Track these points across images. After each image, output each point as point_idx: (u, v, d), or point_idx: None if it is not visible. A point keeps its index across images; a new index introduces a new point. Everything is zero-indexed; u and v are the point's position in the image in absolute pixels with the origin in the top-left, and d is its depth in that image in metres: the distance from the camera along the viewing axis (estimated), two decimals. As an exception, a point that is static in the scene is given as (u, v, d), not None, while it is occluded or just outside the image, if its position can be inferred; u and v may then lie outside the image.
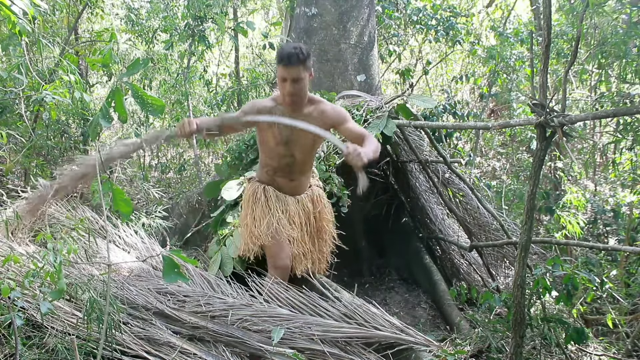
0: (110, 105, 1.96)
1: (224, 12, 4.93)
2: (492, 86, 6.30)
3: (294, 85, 2.54)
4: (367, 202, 4.13)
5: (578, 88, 6.25)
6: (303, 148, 2.78)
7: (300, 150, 2.78)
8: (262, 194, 2.94)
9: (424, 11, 5.93)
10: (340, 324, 2.51)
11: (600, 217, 4.48)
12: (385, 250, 4.39)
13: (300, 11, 4.42)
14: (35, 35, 3.02)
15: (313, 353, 2.36)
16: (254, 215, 2.92)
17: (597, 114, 3.09)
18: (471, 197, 3.94)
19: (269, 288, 2.76)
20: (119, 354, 2.27)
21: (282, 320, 2.49)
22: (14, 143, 4.69)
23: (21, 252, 2.92)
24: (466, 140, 7.32)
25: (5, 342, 2.27)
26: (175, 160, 6.58)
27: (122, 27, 5.76)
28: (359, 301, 2.66)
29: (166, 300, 2.65)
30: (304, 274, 2.91)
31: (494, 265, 4.04)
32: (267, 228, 2.83)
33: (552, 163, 5.30)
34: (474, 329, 3.12)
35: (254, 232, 2.88)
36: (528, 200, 2.19)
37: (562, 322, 2.50)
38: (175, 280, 1.85)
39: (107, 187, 1.96)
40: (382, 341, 2.45)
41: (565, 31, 5.42)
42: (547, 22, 2.04)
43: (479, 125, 3.60)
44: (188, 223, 4.61)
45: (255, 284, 2.81)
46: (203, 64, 5.74)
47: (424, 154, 3.97)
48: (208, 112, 5.87)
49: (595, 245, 3.59)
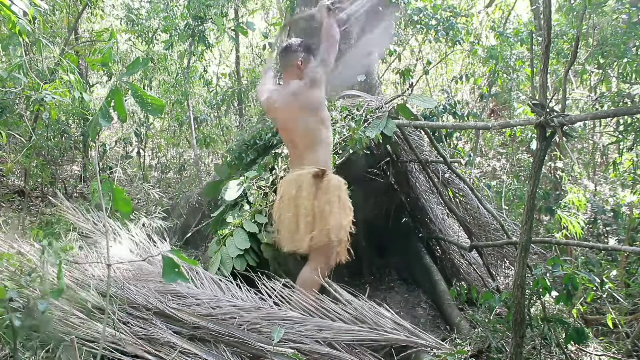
0: (110, 105, 1.95)
1: (224, 12, 4.93)
2: (492, 86, 6.29)
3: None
4: (367, 202, 4.13)
5: (578, 88, 6.25)
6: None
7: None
8: (343, 187, 3.06)
9: (424, 11, 5.93)
10: (351, 327, 2.50)
11: (600, 217, 4.48)
12: (385, 250, 4.39)
13: (300, 11, 4.42)
14: (35, 35, 3.02)
15: (322, 356, 2.35)
16: (341, 206, 2.99)
17: (597, 114, 3.09)
18: (471, 197, 3.94)
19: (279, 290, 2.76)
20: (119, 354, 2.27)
21: (292, 323, 2.48)
22: (14, 143, 4.70)
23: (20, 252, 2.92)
24: (466, 140, 7.32)
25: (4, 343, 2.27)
26: (175, 160, 6.58)
27: (122, 27, 5.75)
28: (369, 304, 2.65)
29: (167, 300, 2.65)
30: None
31: (494, 265, 4.04)
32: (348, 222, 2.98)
33: (552, 163, 5.30)
34: (474, 329, 3.12)
35: (343, 225, 2.97)
36: (528, 200, 2.19)
37: (562, 322, 2.49)
38: (175, 280, 1.85)
39: (107, 187, 1.96)
40: (394, 344, 2.45)
41: (565, 31, 5.42)
42: (547, 22, 2.04)
43: (479, 125, 3.60)
44: (188, 223, 4.61)
45: (265, 287, 2.81)
46: (203, 64, 5.74)
47: (424, 154, 3.97)
48: (208, 112, 5.87)
49: (595, 245, 3.59)
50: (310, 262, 3.01)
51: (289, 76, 3.14)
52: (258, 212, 3.43)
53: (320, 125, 3.03)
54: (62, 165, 5.88)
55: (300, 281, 2.94)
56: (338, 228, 2.97)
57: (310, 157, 3.01)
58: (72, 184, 5.39)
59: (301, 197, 2.93)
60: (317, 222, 2.95)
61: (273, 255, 3.33)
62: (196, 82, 5.78)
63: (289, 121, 3.08)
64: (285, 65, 3.16)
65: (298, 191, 2.95)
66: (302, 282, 2.92)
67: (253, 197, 3.52)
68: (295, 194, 2.95)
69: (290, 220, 2.98)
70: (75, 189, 5.34)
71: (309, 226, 2.93)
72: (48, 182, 4.96)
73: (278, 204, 3.09)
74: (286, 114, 3.08)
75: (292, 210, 2.97)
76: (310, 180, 2.95)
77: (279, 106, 3.11)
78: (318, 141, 3.02)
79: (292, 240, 3.00)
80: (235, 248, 3.22)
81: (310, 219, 2.94)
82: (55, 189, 4.77)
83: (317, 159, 3.01)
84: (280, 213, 3.05)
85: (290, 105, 3.03)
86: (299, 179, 2.98)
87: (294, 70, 3.10)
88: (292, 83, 3.08)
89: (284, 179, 3.15)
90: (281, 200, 3.05)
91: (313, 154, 3.01)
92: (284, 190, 3.05)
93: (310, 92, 2.98)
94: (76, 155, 6.11)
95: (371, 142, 3.57)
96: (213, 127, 6.02)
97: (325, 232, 2.92)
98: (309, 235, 2.92)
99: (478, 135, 6.67)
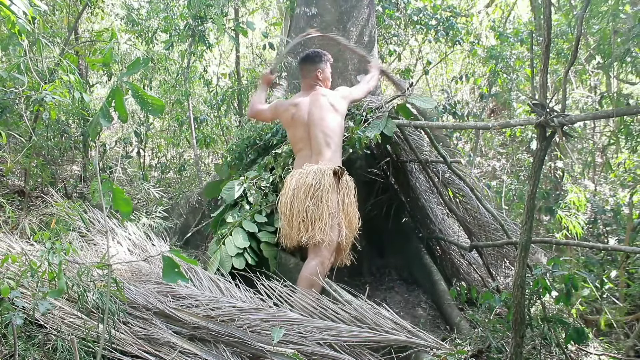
0: (111, 105, 1.96)
1: (224, 12, 4.93)
2: (492, 86, 6.29)
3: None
4: (367, 202, 4.13)
5: (578, 88, 6.25)
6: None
7: None
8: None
9: (424, 11, 5.93)
10: (351, 327, 2.50)
11: (600, 217, 4.48)
12: (385, 250, 4.39)
13: (300, 11, 4.42)
14: (35, 35, 3.02)
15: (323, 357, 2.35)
16: (353, 202, 3.17)
17: (597, 114, 3.08)
18: (471, 197, 3.94)
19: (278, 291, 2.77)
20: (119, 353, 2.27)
21: (292, 324, 2.48)
22: (14, 143, 4.69)
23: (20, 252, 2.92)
24: (466, 140, 7.32)
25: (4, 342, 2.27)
26: (175, 160, 6.58)
27: (122, 27, 5.75)
28: (369, 304, 2.65)
29: (167, 301, 2.65)
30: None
31: (494, 265, 4.04)
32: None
33: (552, 163, 5.30)
34: (474, 329, 3.12)
35: (354, 222, 3.14)
36: (528, 200, 2.19)
37: (562, 322, 2.49)
38: (174, 281, 1.85)
39: (107, 187, 1.96)
40: (393, 345, 2.45)
41: (565, 31, 5.42)
42: (547, 22, 2.04)
43: (479, 125, 3.60)
44: (188, 223, 4.61)
45: (264, 287, 2.81)
46: (203, 64, 5.74)
47: (424, 154, 3.97)
48: (208, 112, 5.86)
49: (595, 245, 3.58)
50: (318, 256, 3.01)
51: (308, 84, 3.47)
52: (258, 212, 3.43)
53: (339, 130, 3.29)
54: (62, 165, 5.88)
55: (304, 280, 2.94)
56: (351, 230, 3.12)
57: (328, 154, 3.17)
58: (72, 184, 5.39)
59: (321, 189, 2.99)
60: (336, 219, 3.03)
61: (273, 254, 3.33)
62: (196, 82, 5.77)
63: (316, 119, 3.25)
64: (305, 75, 3.49)
65: (318, 183, 3.00)
66: (305, 281, 2.92)
67: (253, 198, 3.52)
68: (314, 185, 3.00)
69: (308, 210, 2.98)
70: (75, 189, 5.34)
71: (328, 219, 2.97)
72: (48, 182, 4.95)
73: (292, 195, 3.06)
74: (314, 111, 3.28)
75: (309, 202, 2.98)
76: (330, 175, 3.07)
77: (306, 103, 3.34)
78: (335, 143, 3.22)
79: (305, 231, 3.00)
80: (234, 247, 3.22)
81: (331, 214, 3.01)
82: (55, 189, 4.77)
83: (334, 157, 3.19)
84: (293, 204, 3.04)
85: (319, 103, 3.30)
86: (319, 172, 3.06)
87: (314, 79, 3.44)
88: (322, 89, 3.43)
89: (299, 172, 3.15)
90: (295, 191, 3.05)
91: (330, 152, 3.18)
92: (301, 181, 3.05)
93: (342, 100, 3.39)
94: (76, 155, 6.11)
95: (371, 142, 3.58)
96: (213, 127, 6.02)
97: (340, 232, 3.03)
98: (326, 228, 2.96)
99: (478, 135, 6.67)
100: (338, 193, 3.10)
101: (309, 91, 3.43)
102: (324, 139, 3.20)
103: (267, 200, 3.50)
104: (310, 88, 3.45)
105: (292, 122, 3.34)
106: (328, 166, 3.10)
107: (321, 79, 3.45)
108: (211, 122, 5.93)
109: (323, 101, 3.31)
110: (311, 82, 3.45)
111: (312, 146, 3.24)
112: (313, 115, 3.27)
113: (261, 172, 3.70)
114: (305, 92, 3.46)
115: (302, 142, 3.30)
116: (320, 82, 3.45)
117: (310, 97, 3.37)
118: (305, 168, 3.15)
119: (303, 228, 3.00)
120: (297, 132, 3.33)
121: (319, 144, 3.20)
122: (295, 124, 3.33)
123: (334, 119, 3.26)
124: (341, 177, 3.17)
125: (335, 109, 3.29)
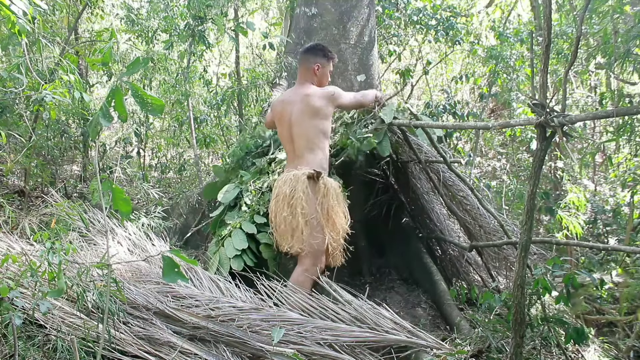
0: (111, 105, 1.95)
1: (224, 12, 4.93)
2: (492, 86, 6.29)
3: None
4: (367, 202, 4.13)
5: (578, 88, 6.25)
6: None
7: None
8: (339, 189, 3.17)
9: (424, 11, 5.93)
10: (351, 327, 2.50)
11: (600, 217, 4.48)
12: (385, 250, 4.39)
13: (300, 11, 4.42)
14: (35, 35, 3.02)
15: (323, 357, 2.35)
16: (340, 208, 3.11)
17: (597, 114, 3.08)
18: (471, 197, 3.93)
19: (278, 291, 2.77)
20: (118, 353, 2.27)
21: (292, 324, 2.48)
22: (14, 143, 4.69)
23: (20, 252, 2.92)
24: (466, 140, 7.31)
25: (4, 342, 2.27)
26: (175, 160, 6.58)
27: (122, 27, 5.75)
28: (369, 304, 2.65)
29: (167, 301, 2.65)
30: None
31: (494, 266, 4.03)
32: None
33: (552, 163, 5.29)
34: (474, 329, 3.12)
35: (343, 226, 3.09)
36: (528, 200, 2.19)
37: (562, 322, 2.49)
38: (174, 281, 1.85)
39: (107, 187, 1.96)
40: (393, 345, 2.45)
41: (565, 31, 5.42)
42: (547, 22, 2.04)
43: (479, 125, 3.59)
44: (188, 223, 4.61)
45: (264, 287, 2.81)
46: (203, 64, 5.74)
47: (424, 154, 3.97)
48: (208, 112, 5.87)
49: (595, 245, 3.58)
50: (301, 264, 3.03)
51: (303, 76, 3.31)
52: (256, 213, 3.43)
53: (320, 133, 3.16)
54: (62, 165, 5.87)
55: (293, 283, 2.94)
56: (336, 233, 3.04)
57: (308, 157, 3.09)
58: (72, 184, 5.39)
59: (295, 197, 2.96)
60: (317, 225, 2.98)
61: (272, 255, 3.33)
62: (196, 82, 5.77)
63: (296, 119, 3.15)
64: (303, 65, 3.32)
65: (292, 191, 2.97)
66: (295, 284, 2.93)
67: (249, 199, 3.52)
68: (289, 193, 2.98)
69: (285, 220, 2.99)
70: (75, 189, 5.34)
71: (305, 228, 2.95)
72: (48, 182, 4.95)
73: (274, 204, 3.10)
74: (296, 111, 3.17)
75: (286, 211, 2.98)
76: (304, 180, 3.00)
77: (291, 101, 3.23)
78: (316, 146, 3.12)
79: (286, 240, 3.02)
80: (233, 248, 3.22)
81: (308, 221, 2.96)
82: (55, 189, 4.77)
83: (314, 161, 3.09)
84: (276, 213, 3.06)
85: (302, 104, 3.16)
86: (294, 178, 3.02)
87: (310, 72, 3.28)
88: (311, 87, 3.23)
89: (279, 178, 3.17)
90: (276, 199, 3.06)
91: (311, 155, 3.09)
92: (279, 189, 3.07)
93: (326, 102, 3.17)
94: (76, 155, 6.11)
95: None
96: (213, 127, 6.02)
97: (322, 237, 2.97)
98: (303, 237, 2.95)
99: (478, 135, 6.67)
100: (316, 198, 3.00)
101: (299, 88, 3.29)
102: (306, 141, 3.11)
103: (264, 200, 3.50)
104: (302, 82, 3.30)
105: (279, 120, 3.28)
106: (303, 171, 3.02)
107: (318, 74, 3.28)
108: (211, 122, 5.93)
109: (309, 102, 3.15)
110: (306, 74, 3.29)
111: (294, 148, 3.17)
112: (297, 116, 3.16)
113: (256, 177, 3.69)
114: (296, 88, 3.32)
115: (287, 142, 3.25)
116: (315, 78, 3.28)
117: (298, 96, 3.23)
118: (283, 175, 3.14)
119: (285, 237, 3.03)
120: (283, 131, 3.27)
121: (301, 147, 3.12)
122: (281, 122, 3.26)
123: (316, 122, 3.13)
124: (317, 181, 3.05)
125: (319, 111, 3.14)
